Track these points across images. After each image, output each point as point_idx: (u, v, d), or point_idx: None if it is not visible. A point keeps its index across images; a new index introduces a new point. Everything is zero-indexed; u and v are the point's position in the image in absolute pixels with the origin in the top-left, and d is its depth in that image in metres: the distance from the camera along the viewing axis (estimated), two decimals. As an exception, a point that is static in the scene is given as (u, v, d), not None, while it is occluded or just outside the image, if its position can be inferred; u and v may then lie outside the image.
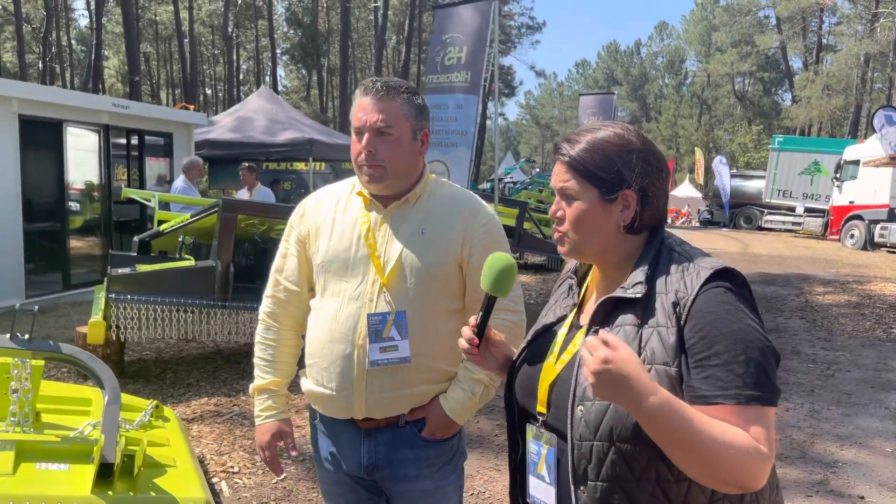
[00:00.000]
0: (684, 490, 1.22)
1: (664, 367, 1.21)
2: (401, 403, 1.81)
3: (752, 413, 1.15)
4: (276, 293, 1.98)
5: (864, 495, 3.80)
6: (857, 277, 12.55)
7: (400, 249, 1.80)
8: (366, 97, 1.78)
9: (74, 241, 9.48)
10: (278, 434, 1.97)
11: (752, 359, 1.17)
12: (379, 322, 1.77)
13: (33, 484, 2.74)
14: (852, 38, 42.72)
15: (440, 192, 1.90)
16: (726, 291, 1.22)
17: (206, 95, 58.62)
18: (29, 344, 3.26)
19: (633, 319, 1.25)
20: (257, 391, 2.02)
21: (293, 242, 1.95)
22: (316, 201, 1.96)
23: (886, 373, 6.25)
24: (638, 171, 1.30)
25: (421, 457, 1.84)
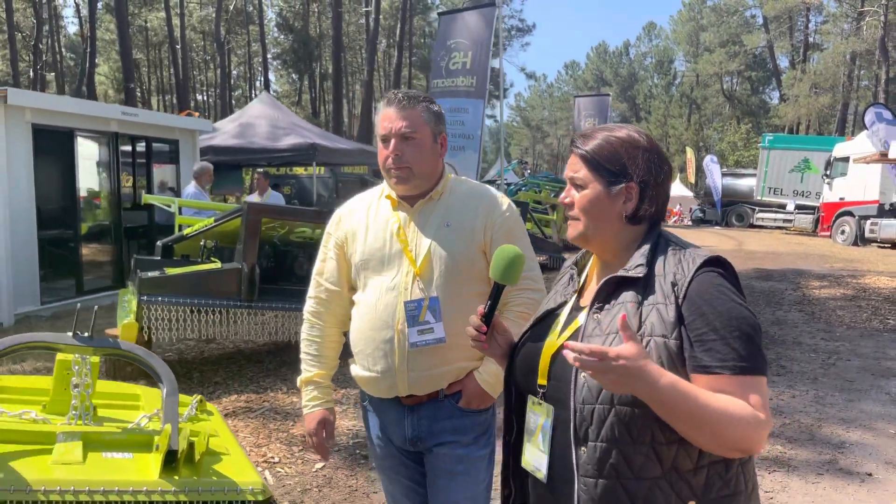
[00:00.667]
0: (673, 452, 1.32)
1: (662, 339, 1.31)
2: (440, 380, 2.00)
3: (748, 382, 1.27)
4: (318, 294, 2.18)
5: (871, 472, 4.03)
6: (850, 272, 12.84)
7: (429, 242, 1.99)
8: (389, 108, 1.99)
9: (86, 248, 9.63)
10: (323, 421, 2.16)
11: (744, 333, 1.29)
12: (415, 308, 1.96)
13: (103, 471, 2.92)
14: (839, 37, 43.20)
15: (460, 188, 2.10)
16: (718, 276, 1.35)
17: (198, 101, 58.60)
18: (90, 341, 3.44)
19: (633, 297, 1.37)
20: (304, 383, 2.21)
21: (332, 247, 2.15)
22: (350, 209, 2.17)
23: (885, 361, 6.50)
24: (641, 167, 1.43)
25: (457, 426, 2.01)
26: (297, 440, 4.41)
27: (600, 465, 1.34)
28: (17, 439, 3.04)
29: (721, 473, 1.33)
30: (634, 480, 1.32)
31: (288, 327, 5.72)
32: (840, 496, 3.73)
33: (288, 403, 5.11)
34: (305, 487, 3.77)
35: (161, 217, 10.91)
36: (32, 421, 3.25)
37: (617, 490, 1.33)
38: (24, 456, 2.92)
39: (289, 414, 4.89)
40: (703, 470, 1.32)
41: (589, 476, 1.35)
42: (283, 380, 5.70)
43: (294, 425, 4.68)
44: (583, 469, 1.36)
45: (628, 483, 1.32)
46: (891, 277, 12.05)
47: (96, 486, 2.80)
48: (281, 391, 5.39)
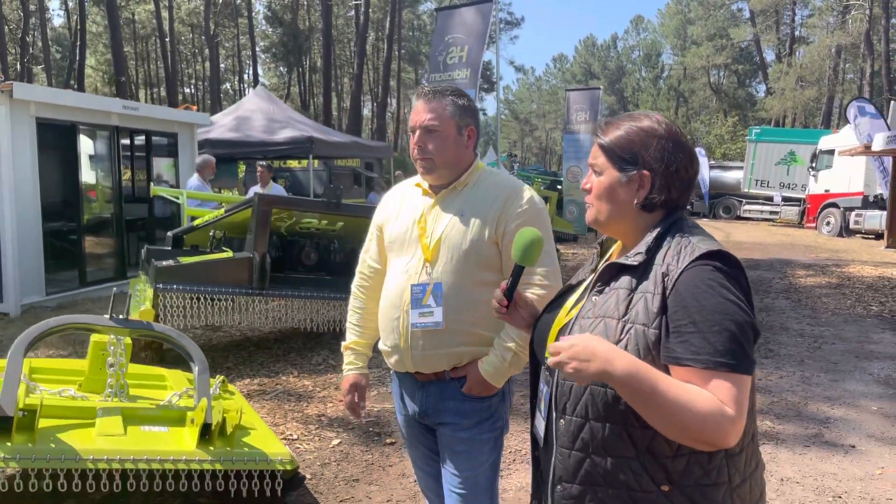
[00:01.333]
0: (649, 436, 1.32)
1: (643, 328, 1.32)
2: (440, 361, 2.09)
3: (719, 377, 1.25)
4: (363, 270, 2.35)
5: (854, 444, 4.30)
6: (835, 261, 13.19)
7: (442, 230, 2.09)
8: (418, 101, 2.12)
9: (88, 240, 9.77)
10: (356, 385, 2.33)
11: (726, 329, 1.26)
12: (420, 291, 2.08)
13: (144, 442, 3.15)
14: (824, 31, 43.63)
15: (488, 180, 2.16)
16: (714, 270, 1.32)
17: (185, 94, 58.39)
18: (126, 323, 3.67)
19: (628, 283, 1.39)
20: (345, 348, 2.37)
21: (374, 228, 2.31)
22: (391, 194, 2.33)
23: (868, 345, 6.79)
24: (654, 156, 1.43)
25: (460, 409, 2.11)
26: (312, 419, 4.63)
27: (573, 438, 1.40)
28: (61, 414, 3.27)
29: (703, 463, 1.33)
30: (604, 457, 1.36)
31: (297, 314, 5.93)
32: (825, 465, 4.00)
33: (300, 386, 5.32)
34: (324, 462, 3.99)
35: (160, 210, 11.10)
36: (72, 398, 3.48)
37: (586, 463, 1.38)
38: (69, 429, 3.15)
39: (302, 396, 5.10)
40: (683, 458, 1.33)
41: (564, 447, 1.42)
42: (292, 364, 5.91)
43: (308, 406, 4.89)
44: (560, 440, 1.43)
45: (598, 458, 1.37)
46: (874, 266, 12.40)
47: (140, 455, 3.04)
48: (292, 375, 5.60)
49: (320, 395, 5.12)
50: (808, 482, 3.78)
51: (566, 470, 1.42)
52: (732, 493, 1.35)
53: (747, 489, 1.39)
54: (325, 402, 4.97)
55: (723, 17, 53.47)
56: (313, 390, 5.24)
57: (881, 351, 6.56)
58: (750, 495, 1.40)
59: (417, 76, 63.03)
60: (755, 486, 1.42)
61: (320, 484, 3.73)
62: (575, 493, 1.40)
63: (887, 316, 8.14)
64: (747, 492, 1.39)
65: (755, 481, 1.42)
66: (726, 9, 53.79)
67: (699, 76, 58.75)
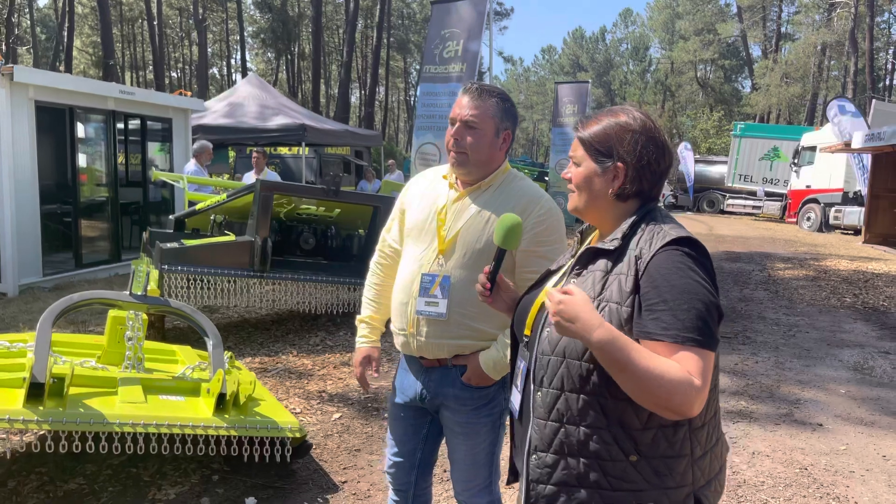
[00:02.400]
0: (620, 409, 1.42)
1: (616, 306, 1.42)
2: (442, 350, 2.18)
3: (687, 351, 1.34)
4: (383, 248, 2.44)
5: (822, 423, 4.61)
6: (813, 255, 13.57)
7: (460, 226, 2.15)
8: (464, 95, 2.17)
9: (84, 223, 9.91)
10: (368, 357, 2.42)
11: (694, 308, 1.36)
12: (429, 281, 2.15)
13: (164, 409, 3.39)
14: (810, 28, 44.16)
15: (512, 184, 2.21)
16: (683, 254, 1.42)
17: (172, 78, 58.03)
18: (146, 299, 3.90)
19: (604, 266, 1.50)
20: (359, 321, 2.46)
21: (397, 210, 2.39)
22: (417, 180, 2.39)
23: (840, 334, 7.12)
24: (627, 150, 1.52)
25: (459, 396, 2.20)
26: (313, 395, 4.87)
27: (549, 409, 1.49)
28: (85, 383, 3.50)
29: (669, 436, 1.42)
30: (577, 427, 1.45)
31: (296, 297, 6.16)
32: (794, 441, 4.30)
33: (300, 365, 5.55)
34: (327, 433, 4.24)
35: (153, 194, 11.26)
36: (93, 369, 3.71)
37: (560, 433, 1.48)
38: (94, 396, 3.39)
39: (302, 374, 5.33)
40: (651, 430, 1.42)
41: (540, 417, 1.51)
42: (291, 345, 6.13)
43: (309, 382, 5.13)
44: (536, 411, 1.53)
45: (571, 428, 1.46)
46: (850, 261, 12.79)
47: (162, 420, 3.28)
48: (292, 354, 5.83)
49: (320, 374, 5.36)
50: (778, 455, 4.08)
51: (541, 440, 1.51)
52: (694, 465, 1.46)
53: (707, 462, 1.49)
54: (324, 380, 5.21)
55: (710, 13, 53.87)
56: (312, 368, 5.48)
57: (852, 339, 6.89)
58: (709, 468, 1.50)
59: (406, 65, 62.97)
60: (714, 459, 1.52)
61: (324, 453, 3.97)
62: (549, 462, 1.49)
63: (860, 307, 8.50)
64: (707, 464, 1.49)
65: (714, 455, 1.52)
66: (714, 4, 54.20)
67: (686, 70, 59.18)
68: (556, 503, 1.49)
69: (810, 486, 3.72)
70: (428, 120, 8.73)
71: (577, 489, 1.46)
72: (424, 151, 8.37)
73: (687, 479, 1.45)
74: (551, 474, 1.49)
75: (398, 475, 2.40)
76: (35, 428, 2.96)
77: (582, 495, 1.46)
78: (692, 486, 1.46)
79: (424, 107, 8.61)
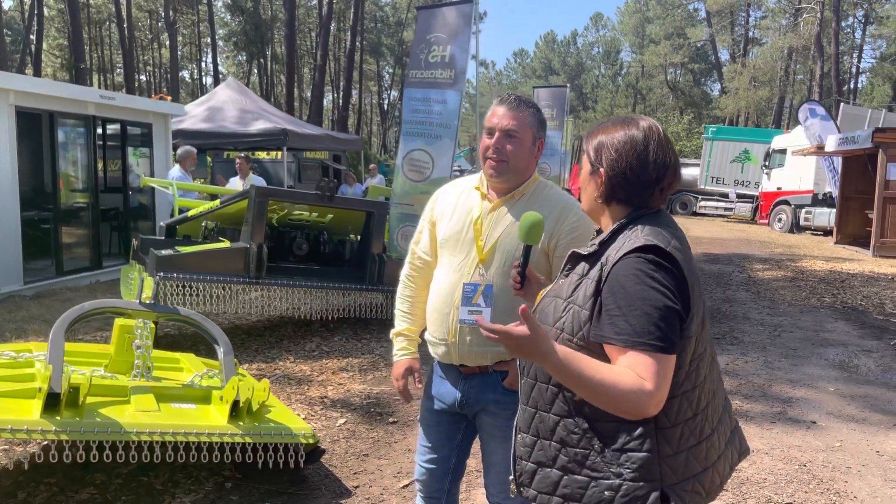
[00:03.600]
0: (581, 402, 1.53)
1: (579, 308, 1.53)
2: (485, 357, 2.23)
3: (638, 355, 1.43)
4: (413, 261, 2.48)
5: (815, 420, 4.74)
6: (789, 256, 13.86)
7: (498, 235, 2.20)
8: (501, 106, 2.23)
9: (65, 230, 9.77)
10: (409, 369, 2.43)
11: (646, 314, 1.43)
12: (471, 290, 2.19)
13: (178, 418, 3.39)
14: (777, 32, 44.98)
15: (543, 192, 2.28)
16: (645, 261, 1.48)
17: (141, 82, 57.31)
18: (154, 307, 3.89)
19: (582, 270, 1.60)
20: (396, 335, 2.49)
21: (427, 221, 2.42)
22: (446, 191, 2.42)
23: (823, 333, 7.31)
24: (608, 158, 1.61)
25: (500, 400, 2.23)
26: (315, 401, 4.88)
27: (528, 396, 1.66)
28: (97, 392, 3.48)
29: (629, 430, 1.49)
30: (547, 413, 1.59)
31: (291, 303, 6.16)
32: (791, 439, 4.41)
33: (298, 371, 5.55)
34: (333, 439, 4.26)
35: (134, 200, 11.14)
36: (102, 377, 3.68)
37: (535, 418, 1.62)
38: (108, 405, 3.37)
39: (301, 380, 5.33)
40: (610, 423, 1.50)
41: (523, 402, 1.68)
42: (286, 351, 6.13)
43: (309, 388, 5.14)
44: (522, 397, 1.69)
45: (544, 414, 1.60)
46: (825, 261, 13.09)
47: (178, 428, 3.27)
48: (289, 360, 5.83)
49: (319, 379, 5.37)
50: (776, 453, 4.19)
51: (524, 422, 1.66)
52: (661, 462, 1.49)
53: (682, 460, 1.52)
54: (325, 386, 5.22)
55: (680, 17, 54.69)
56: (311, 374, 5.48)
57: (835, 339, 7.07)
58: (686, 467, 1.52)
59: (379, 68, 62.87)
60: (694, 460, 1.54)
61: (333, 459, 3.99)
62: (528, 443, 1.64)
63: (839, 307, 8.72)
64: (682, 463, 1.52)
65: (695, 455, 1.54)
66: (683, 9, 55.02)
67: (656, 74, 59.96)
68: (534, 479, 1.62)
69: (810, 482, 3.83)
70: (417, 126, 8.74)
71: (549, 469, 1.59)
72: (415, 158, 8.39)
73: (653, 474, 1.48)
74: (530, 453, 1.64)
75: (430, 482, 2.42)
76: (53, 438, 2.94)
77: (553, 474, 1.58)
78: (660, 482, 1.50)
79: (412, 112, 8.62)
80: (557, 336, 1.56)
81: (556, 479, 1.58)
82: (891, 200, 14.18)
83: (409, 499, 3.55)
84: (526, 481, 1.65)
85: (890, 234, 14.18)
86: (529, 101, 2.26)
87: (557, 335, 1.56)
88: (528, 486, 1.64)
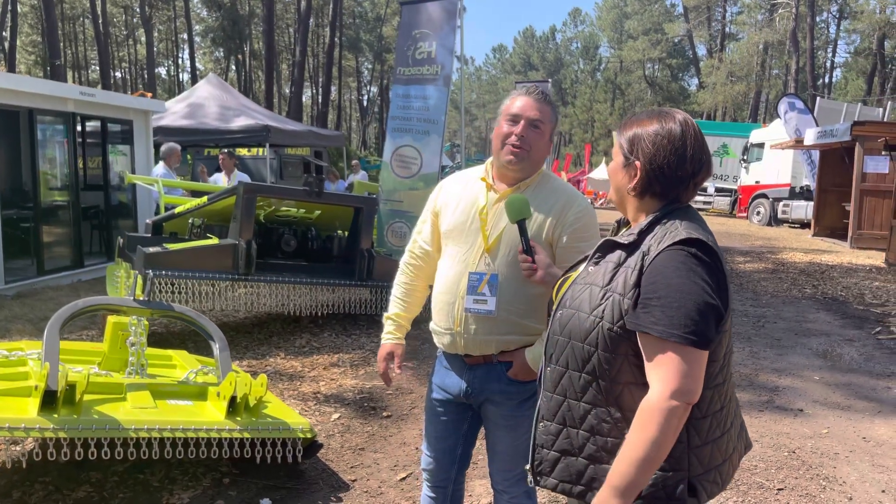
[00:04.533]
0: (617, 390, 1.53)
1: (619, 297, 1.52)
2: (489, 346, 2.23)
3: (670, 346, 1.43)
4: (413, 249, 2.49)
5: (802, 408, 4.83)
6: (769, 249, 14.05)
7: (504, 225, 2.20)
8: (527, 97, 2.24)
9: (46, 229, 9.65)
10: (391, 353, 2.47)
11: (684, 307, 1.42)
12: (477, 280, 2.21)
13: (176, 414, 3.38)
14: (753, 28, 45.50)
15: (547, 184, 2.29)
16: (687, 255, 1.48)
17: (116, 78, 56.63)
18: (148, 304, 3.86)
19: (617, 258, 1.59)
20: (386, 318, 2.51)
21: (429, 212, 2.44)
22: (450, 182, 2.43)
23: (805, 323, 7.43)
24: (646, 152, 1.61)
25: (505, 390, 2.25)
26: (309, 396, 4.88)
27: (555, 383, 1.63)
28: (93, 390, 3.45)
29: None
30: (578, 402, 1.58)
31: (280, 299, 6.14)
32: (779, 426, 4.50)
33: (289, 367, 5.54)
34: (329, 433, 4.26)
35: (116, 199, 11.02)
36: (97, 375, 3.66)
37: (563, 406, 1.61)
38: (104, 403, 3.35)
39: (293, 376, 5.33)
40: None
41: (548, 390, 1.65)
42: (276, 347, 6.11)
43: (301, 384, 5.13)
44: (545, 384, 1.66)
45: (573, 403, 1.59)
46: (804, 253, 13.29)
47: (176, 425, 3.26)
48: (279, 357, 5.82)
49: (311, 375, 5.36)
50: (766, 440, 4.26)
51: (548, 410, 1.64)
52: (690, 453, 1.51)
53: (708, 452, 1.54)
54: (317, 381, 5.22)
55: (657, 13, 55.13)
56: (303, 370, 5.48)
57: (817, 328, 7.20)
58: (710, 458, 1.54)
59: (358, 64, 62.64)
60: (717, 451, 1.56)
61: (329, 453, 4.00)
62: (553, 431, 1.62)
63: (820, 298, 8.86)
64: (708, 454, 1.54)
65: (718, 448, 1.57)
66: (661, 4, 55.49)
67: (635, 69, 60.37)
68: (557, 467, 1.62)
69: (800, 468, 3.91)
70: (404, 122, 8.74)
71: (575, 457, 1.59)
72: (404, 154, 8.39)
73: (682, 464, 1.51)
74: (554, 441, 1.62)
75: (437, 472, 2.45)
76: (51, 436, 2.92)
77: (579, 463, 1.58)
78: (687, 472, 1.52)
79: (399, 109, 8.61)
80: (597, 323, 1.54)
81: (581, 468, 1.58)
82: (867, 193, 14.42)
83: (406, 492, 3.57)
84: (546, 470, 1.64)
85: (867, 226, 14.42)
86: (550, 98, 2.29)
87: (597, 322, 1.55)
88: (549, 474, 1.64)
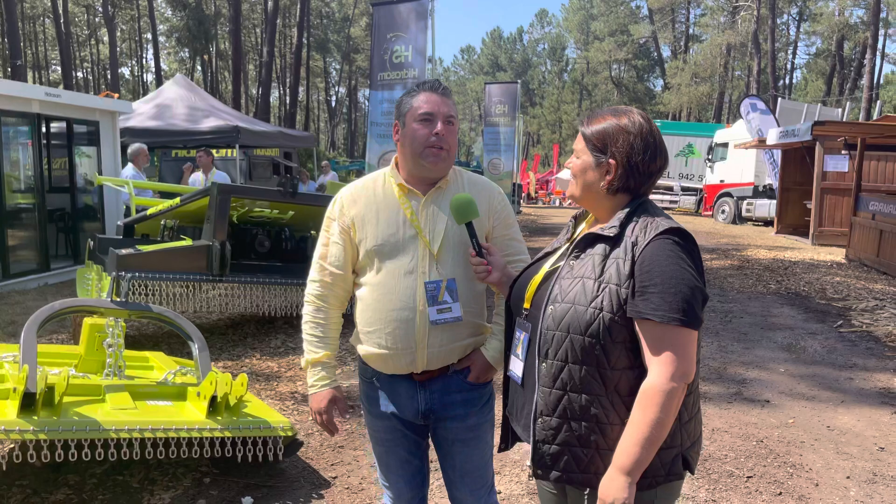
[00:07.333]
0: (617, 378, 1.58)
1: (616, 287, 1.57)
2: (452, 355, 2.12)
3: (670, 330, 1.51)
4: (322, 277, 2.19)
5: (769, 399, 4.98)
6: (734, 246, 14.35)
7: (444, 227, 2.09)
8: (434, 93, 2.09)
9: (11, 232, 9.48)
10: (334, 399, 2.19)
11: (680, 292, 1.51)
12: (434, 288, 2.06)
13: (156, 414, 3.39)
14: (716, 29, 46.28)
15: (461, 179, 2.20)
16: (673, 243, 1.57)
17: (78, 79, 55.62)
18: (126, 304, 3.85)
19: (602, 251, 1.63)
20: (311, 364, 2.21)
21: (336, 232, 2.16)
22: (352, 196, 2.17)
23: (770, 318, 7.63)
24: (620, 149, 1.65)
25: (467, 399, 2.15)
26: (286, 396, 4.89)
27: (554, 379, 1.64)
28: (72, 392, 3.44)
29: None
30: (579, 394, 1.61)
31: (255, 300, 6.13)
32: (748, 417, 4.63)
33: (265, 368, 5.55)
34: (308, 432, 4.28)
35: (82, 201, 10.87)
36: (74, 376, 3.64)
37: (564, 399, 1.63)
38: (84, 404, 3.35)
39: (269, 376, 5.33)
40: None
41: (545, 386, 1.66)
42: (251, 348, 6.10)
43: (278, 384, 5.14)
44: (542, 380, 1.67)
45: (574, 395, 1.61)
46: (768, 250, 13.60)
47: (157, 425, 3.27)
48: (255, 357, 5.81)
49: (287, 375, 5.37)
50: (735, 430, 4.39)
51: (546, 405, 1.65)
52: (682, 429, 1.62)
53: (692, 426, 1.67)
54: (293, 381, 5.23)
55: (623, 14, 55.78)
56: (279, 371, 5.48)
57: (782, 323, 7.39)
58: (694, 431, 1.68)
59: (326, 64, 62.34)
60: (697, 424, 1.71)
61: (308, 451, 4.02)
62: (553, 425, 1.65)
63: (784, 293, 9.09)
64: (692, 428, 1.67)
65: (697, 421, 1.70)
66: (626, 6, 56.11)
67: (601, 70, 60.98)
68: (560, 461, 1.65)
69: (768, 456, 4.03)
70: (388, 128, 8.81)
71: (578, 448, 1.63)
72: (387, 160, 8.46)
73: (676, 440, 1.61)
74: (556, 435, 1.65)
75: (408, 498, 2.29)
76: (32, 438, 2.91)
77: (582, 454, 1.63)
78: (680, 447, 1.63)
79: (382, 115, 8.64)
80: (597, 315, 1.58)
81: (585, 458, 1.63)
82: (828, 191, 14.80)
83: (387, 487, 3.61)
84: (549, 463, 1.67)
85: (828, 223, 14.80)
86: (449, 89, 2.20)
87: (597, 314, 1.58)
88: (552, 468, 1.67)
